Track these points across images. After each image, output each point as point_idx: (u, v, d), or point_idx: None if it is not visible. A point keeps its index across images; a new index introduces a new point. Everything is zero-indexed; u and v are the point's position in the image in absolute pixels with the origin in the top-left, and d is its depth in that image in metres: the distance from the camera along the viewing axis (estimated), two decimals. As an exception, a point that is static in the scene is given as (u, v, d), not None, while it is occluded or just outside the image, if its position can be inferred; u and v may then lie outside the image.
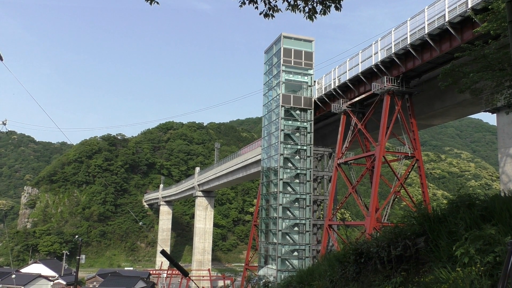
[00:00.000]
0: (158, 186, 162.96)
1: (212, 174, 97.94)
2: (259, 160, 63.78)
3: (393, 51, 39.08)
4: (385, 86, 40.74)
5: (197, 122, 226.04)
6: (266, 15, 10.08)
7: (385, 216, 42.69)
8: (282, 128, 52.74)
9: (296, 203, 52.42)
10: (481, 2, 30.04)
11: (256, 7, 9.97)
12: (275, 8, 10.06)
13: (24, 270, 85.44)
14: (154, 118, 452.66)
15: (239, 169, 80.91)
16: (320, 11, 10.09)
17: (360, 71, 43.71)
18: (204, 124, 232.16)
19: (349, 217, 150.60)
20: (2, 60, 19.58)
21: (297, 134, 53.87)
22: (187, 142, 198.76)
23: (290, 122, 53.78)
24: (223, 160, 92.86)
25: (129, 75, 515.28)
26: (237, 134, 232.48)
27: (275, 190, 52.65)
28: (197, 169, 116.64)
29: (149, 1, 9.95)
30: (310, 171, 52.58)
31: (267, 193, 55.63)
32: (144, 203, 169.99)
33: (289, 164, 53.19)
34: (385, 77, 40.81)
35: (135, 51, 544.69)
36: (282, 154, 52.41)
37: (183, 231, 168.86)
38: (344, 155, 47.71)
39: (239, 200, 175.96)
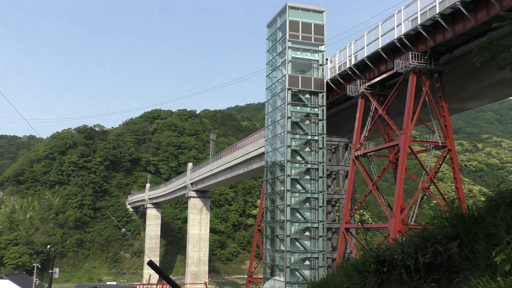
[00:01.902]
0: (144, 186, 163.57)
1: (207, 171, 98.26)
2: (263, 154, 63.95)
3: (419, 22, 38.90)
4: (410, 64, 40.62)
5: (188, 109, 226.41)
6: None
7: (412, 217, 42.81)
8: (289, 115, 52.79)
9: (307, 204, 52.62)
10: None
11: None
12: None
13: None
14: (138, 106, 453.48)
15: (239, 165, 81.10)
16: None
17: (380, 47, 43.59)
18: (197, 112, 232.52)
19: (370, 219, 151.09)
20: None
21: (307, 122, 53.92)
22: (177, 133, 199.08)
23: (298, 108, 53.76)
24: (220, 154, 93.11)
25: (108, 54, 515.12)
26: (236, 123, 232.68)
27: (282, 188, 52.82)
28: (190, 165, 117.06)
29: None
30: (323, 166, 52.71)
31: (273, 192, 55.80)
32: (128, 206, 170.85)
33: (298, 158, 53.30)
34: (410, 53, 40.66)
35: (114, 25, 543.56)
36: (289, 146, 52.51)
37: (174, 238, 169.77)
38: (362, 146, 47.72)
39: (240, 201, 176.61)
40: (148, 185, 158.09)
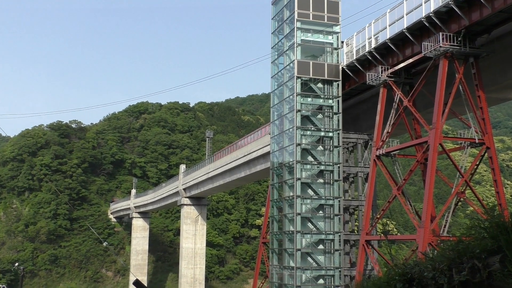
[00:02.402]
0: (129, 192, 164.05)
1: (202, 174, 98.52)
2: (268, 154, 64.07)
3: (451, -3, 38.84)
4: (440, 47, 40.53)
5: (180, 102, 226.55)
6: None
7: (444, 227, 42.78)
8: (298, 108, 52.88)
9: (321, 212, 52.71)
10: None
11: None
12: None
13: None
14: (121, 98, 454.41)
15: (240, 166, 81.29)
16: None
17: (405, 27, 43.56)
18: (191, 105, 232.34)
19: (394, 230, 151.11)
20: None
21: (320, 116, 54.01)
22: (168, 130, 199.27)
23: (309, 99, 53.89)
24: (218, 154, 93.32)
25: (86, 39, 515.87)
26: (237, 117, 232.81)
27: (291, 194, 52.92)
28: (182, 167, 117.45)
29: None
30: (339, 167, 52.79)
31: (280, 199, 55.88)
32: (111, 216, 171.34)
33: (310, 158, 53.41)
34: (440, 33, 40.56)
35: (94, 5, 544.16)
36: (299, 144, 52.61)
37: (165, 253, 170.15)
38: (385, 144, 47.73)
39: (242, 209, 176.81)
40: (133, 191, 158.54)
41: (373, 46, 48.11)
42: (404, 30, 43.80)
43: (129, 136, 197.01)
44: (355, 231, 56.96)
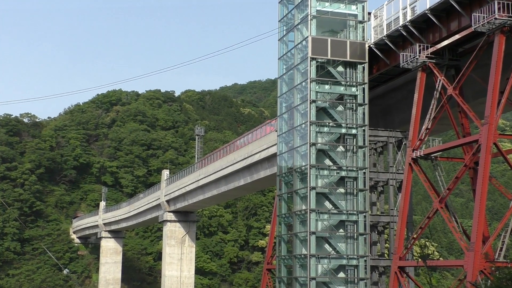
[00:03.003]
0: (97, 205, 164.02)
1: (191, 182, 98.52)
2: (274, 156, 64.09)
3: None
4: (496, 18, 40.43)
5: (163, 90, 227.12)
6: None
7: (500, 250, 42.62)
8: (313, 97, 52.87)
9: (341, 230, 52.74)
10: None
11: None
12: None
13: None
14: (87, 85, 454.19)
15: (238, 172, 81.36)
16: None
17: (450, -7, 43.47)
18: (176, 94, 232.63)
19: (436, 253, 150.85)
20: None
21: (340, 108, 53.96)
22: (147, 126, 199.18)
23: (327, 86, 53.84)
24: (210, 156, 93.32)
25: (44, 14, 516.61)
26: (234, 110, 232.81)
27: (303, 207, 52.97)
28: (165, 173, 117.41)
29: None
30: (364, 173, 52.82)
31: (289, 214, 55.85)
32: (73, 236, 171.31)
33: (327, 162, 53.46)
34: (495, 2, 40.45)
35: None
36: (314, 144, 52.62)
37: (142, 283, 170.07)
38: (424, 144, 47.64)
39: (240, 226, 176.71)
40: (103, 203, 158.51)
41: (408, 18, 48.00)
42: (448, -2, 43.69)
43: (97, 133, 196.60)
44: (385, 255, 56.84)
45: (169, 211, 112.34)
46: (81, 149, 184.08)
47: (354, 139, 53.42)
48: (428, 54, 47.37)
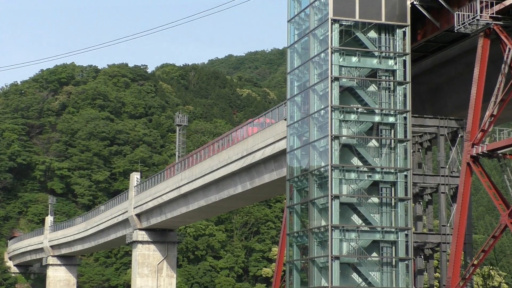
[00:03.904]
0: (42, 221, 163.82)
1: (170, 189, 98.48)
2: (283, 153, 64.10)
3: None
4: None
5: (131, 65, 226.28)
6: None
7: None
8: (336, 74, 52.83)
9: (374, 254, 52.77)
10: None
11: None
12: None
13: None
14: (29, 58, 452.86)
15: (234, 175, 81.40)
16: None
17: None
18: (149, 70, 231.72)
19: (504, 286, 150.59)
20: None
21: (373, 88, 53.92)
22: (110, 113, 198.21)
23: (354, 59, 53.82)
24: (196, 154, 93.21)
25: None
26: (229, 91, 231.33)
27: (323, 224, 52.96)
28: (135, 177, 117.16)
29: None
30: (406, 177, 52.84)
31: (304, 232, 55.80)
32: (9, 262, 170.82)
33: (355, 161, 53.54)
34: None
35: None
36: (337, 138, 52.54)
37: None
38: (487, 136, 47.47)
39: (238, 249, 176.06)
40: (50, 219, 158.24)
41: (465, -35, 47.94)
42: None
43: (42, 124, 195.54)
44: (435, 287, 56.79)
45: (140, 229, 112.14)
46: (20, 144, 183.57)
47: (392, 131, 53.30)
48: (493, 13, 47.11)
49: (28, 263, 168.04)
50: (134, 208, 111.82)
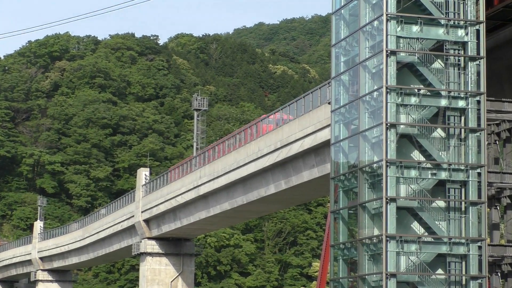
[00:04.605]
0: (30, 227, 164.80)
1: (186, 189, 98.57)
2: (326, 145, 64.11)
3: None
4: None
5: (138, 35, 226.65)
6: None
7: None
8: (392, 47, 52.86)
9: (439, 270, 52.61)
10: None
11: None
12: None
13: None
14: (12, 28, 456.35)
15: (265, 172, 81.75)
16: None
17: None
18: (160, 42, 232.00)
19: None
20: None
21: (438, 64, 53.89)
22: (112, 95, 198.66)
23: (415, 28, 53.85)
24: (218, 147, 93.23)
25: None
26: (259, 68, 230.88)
27: (376, 233, 53.10)
28: (143, 174, 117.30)
29: None
30: (480, 175, 52.77)
31: (352, 243, 56.00)
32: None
33: (417, 155, 53.63)
34: None
35: None
36: (394, 126, 52.53)
37: None
38: None
39: (270, 263, 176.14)
40: (39, 224, 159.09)
41: None
42: None
43: (29, 107, 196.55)
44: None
45: (150, 238, 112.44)
46: (2, 133, 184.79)
47: (462, 118, 53.13)
48: None
49: (13, 278, 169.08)
50: (142, 212, 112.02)
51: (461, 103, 53.03)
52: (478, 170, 52.39)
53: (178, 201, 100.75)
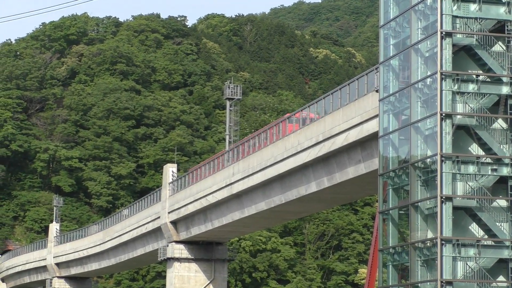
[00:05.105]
0: (45, 230, 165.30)
1: (218, 188, 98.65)
2: (373, 138, 64.20)
3: None
4: None
5: (164, 16, 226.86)
6: None
7: None
8: (447, 27, 52.74)
9: (501, 277, 52.62)
10: None
11: None
12: None
13: None
14: (24, 9, 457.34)
15: (305, 169, 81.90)
16: None
17: None
18: (189, 24, 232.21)
19: None
20: None
21: (498, 47, 53.71)
22: (135, 82, 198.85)
23: (473, 6, 53.59)
24: (252, 140, 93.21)
25: None
26: (298, 52, 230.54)
27: (430, 235, 52.92)
28: (170, 170, 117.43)
29: None
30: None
31: (403, 248, 55.96)
32: (1, 285, 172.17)
33: (473, 149, 53.45)
34: None
35: None
36: (449, 116, 52.39)
37: None
38: None
39: (311, 270, 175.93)
40: (55, 227, 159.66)
41: None
42: None
43: (43, 97, 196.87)
44: None
45: (177, 241, 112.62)
46: (14, 125, 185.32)
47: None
48: None
49: (27, 286, 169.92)
50: (168, 213, 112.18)
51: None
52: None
53: (208, 201, 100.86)
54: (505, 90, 52.75)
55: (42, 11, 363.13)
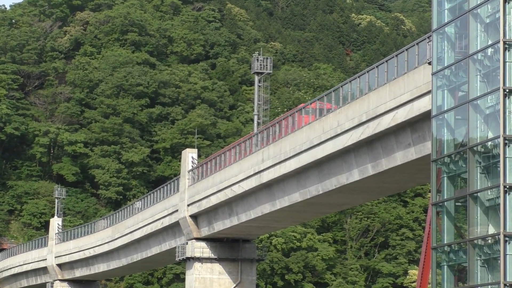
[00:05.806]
0: (45, 226, 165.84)
1: (245, 176, 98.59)
2: (425, 119, 63.92)
3: None
4: None
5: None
6: None
7: None
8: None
9: None
10: None
11: None
12: None
13: None
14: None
15: (346, 154, 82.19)
16: None
17: None
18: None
19: None
20: None
21: None
22: (149, 55, 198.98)
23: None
24: (284, 122, 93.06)
25: None
26: (338, 19, 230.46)
27: (491, 231, 52.68)
28: (190, 156, 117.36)
29: None
30: None
31: (460, 245, 55.76)
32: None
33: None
34: None
35: None
36: (511, 91, 51.92)
37: None
38: None
39: (354, 271, 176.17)
40: (57, 222, 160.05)
41: None
42: None
43: (43, 72, 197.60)
44: None
45: (198, 239, 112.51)
46: (10, 105, 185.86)
47: None
48: None
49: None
50: (188, 205, 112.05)
51: None
52: None
53: (234, 191, 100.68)
54: None
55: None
